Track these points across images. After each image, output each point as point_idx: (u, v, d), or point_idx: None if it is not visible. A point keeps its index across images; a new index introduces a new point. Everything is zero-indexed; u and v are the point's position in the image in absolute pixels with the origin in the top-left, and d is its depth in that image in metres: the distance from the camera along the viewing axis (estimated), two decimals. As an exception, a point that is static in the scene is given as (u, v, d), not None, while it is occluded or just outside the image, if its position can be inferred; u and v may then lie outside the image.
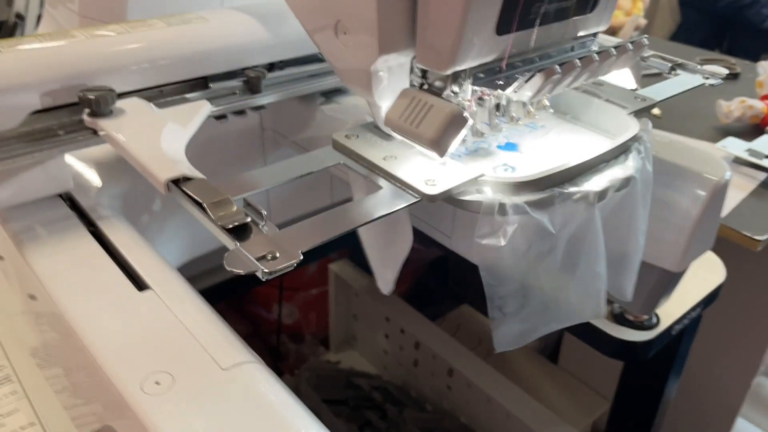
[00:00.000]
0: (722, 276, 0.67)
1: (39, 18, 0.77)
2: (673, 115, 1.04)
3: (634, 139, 0.45)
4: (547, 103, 0.48)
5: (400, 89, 0.41)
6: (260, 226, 0.34)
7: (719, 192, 0.50)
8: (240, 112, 0.54)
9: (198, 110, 0.48)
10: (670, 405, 0.77)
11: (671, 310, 0.62)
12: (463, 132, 0.38)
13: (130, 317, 0.40)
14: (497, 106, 0.45)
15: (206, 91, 0.52)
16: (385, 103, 0.42)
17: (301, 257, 0.32)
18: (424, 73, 0.40)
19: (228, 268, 0.32)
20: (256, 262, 0.32)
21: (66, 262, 0.45)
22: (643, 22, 1.55)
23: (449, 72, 0.38)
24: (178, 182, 0.37)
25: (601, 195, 0.41)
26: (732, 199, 0.78)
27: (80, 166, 0.55)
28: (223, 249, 0.35)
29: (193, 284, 0.45)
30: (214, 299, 0.45)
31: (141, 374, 0.36)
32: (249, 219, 0.34)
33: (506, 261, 0.40)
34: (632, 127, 0.46)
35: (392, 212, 0.38)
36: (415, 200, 0.39)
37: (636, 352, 0.61)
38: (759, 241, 0.71)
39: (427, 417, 1.04)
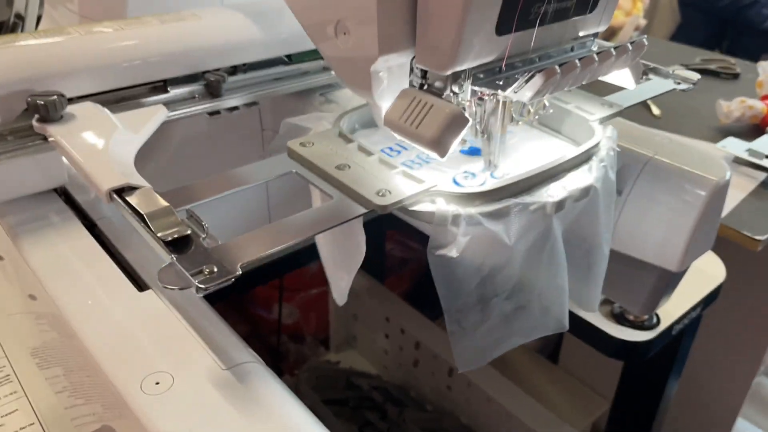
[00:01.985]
0: (722, 276, 0.68)
1: (39, 18, 0.77)
2: (673, 115, 1.04)
3: (597, 147, 0.44)
4: (546, 103, 0.48)
5: (400, 90, 0.40)
6: (201, 239, 0.33)
7: (719, 192, 0.50)
8: (234, 108, 0.54)
9: (153, 115, 0.47)
10: (670, 405, 0.77)
11: (671, 310, 0.62)
12: (463, 132, 0.38)
13: (130, 317, 0.40)
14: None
15: (165, 95, 0.51)
16: (385, 103, 0.42)
17: (239, 272, 0.32)
18: (423, 74, 0.40)
19: (161, 284, 0.31)
20: (190, 277, 0.31)
21: (66, 261, 0.45)
22: (643, 22, 1.55)
23: (449, 72, 0.38)
24: (122, 191, 0.36)
25: (559, 205, 0.40)
26: (732, 199, 0.78)
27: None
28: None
29: (193, 284, 0.45)
30: (214, 299, 0.45)
31: (141, 374, 0.36)
32: (189, 231, 0.33)
33: (461, 273, 0.39)
34: (596, 135, 0.45)
35: (338, 225, 0.37)
36: (365, 212, 0.38)
37: (636, 352, 0.61)
38: (759, 240, 0.71)
39: (427, 417, 1.04)
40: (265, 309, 1.31)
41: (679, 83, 0.54)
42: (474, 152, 0.47)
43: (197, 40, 0.53)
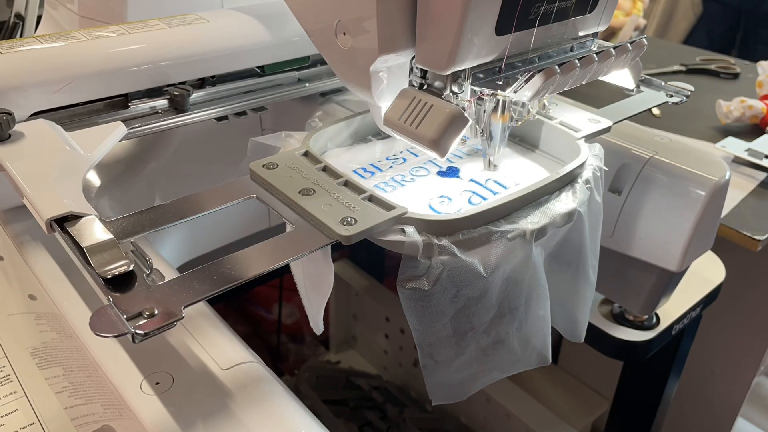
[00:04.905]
0: (722, 276, 0.68)
1: (39, 19, 0.77)
2: (673, 115, 1.04)
3: (582, 167, 0.42)
4: (546, 103, 0.48)
5: (399, 89, 0.40)
6: (145, 275, 0.30)
7: (719, 192, 0.50)
8: (241, 113, 0.52)
9: (109, 133, 0.44)
10: (670, 405, 0.77)
11: (671, 309, 0.62)
12: (463, 132, 0.38)
13: (129, 317, 0.40)
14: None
15: (124, 111, 0.48)
16: (384, 103, 0.42)
17: (183, 316, 0.29)
18: (423, 74, 0.40)
19: (92, 331, 0.28)
20: (126, 323, 0.28)
21: (65, 262, 0.45)
22: (642, 22, 1.55)
23: (449, 72, 0.38)
24: (65, 220, 0.33)
25: (540, 232, 0.38)
26: (732, 199, 0.78)
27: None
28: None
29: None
30: (213, 299, 0.45)
31: (141, 374, 0.36)
32: (132, 267, 0.30)
33: (433, 306, 0.36)
34: (581, 154, 0.43)
35: (295, 259, 0.34)
36: (327, 243, 0.35)
37: (636, 352, 0.61)
38: (759, 240, 0.71)
39: (427, 417, 1.04)
40: (266, 309, 1.32)
41: (671, 95, 0.52)
42: (452, 173, 0.45)
43: (160, 53, 0.49)
